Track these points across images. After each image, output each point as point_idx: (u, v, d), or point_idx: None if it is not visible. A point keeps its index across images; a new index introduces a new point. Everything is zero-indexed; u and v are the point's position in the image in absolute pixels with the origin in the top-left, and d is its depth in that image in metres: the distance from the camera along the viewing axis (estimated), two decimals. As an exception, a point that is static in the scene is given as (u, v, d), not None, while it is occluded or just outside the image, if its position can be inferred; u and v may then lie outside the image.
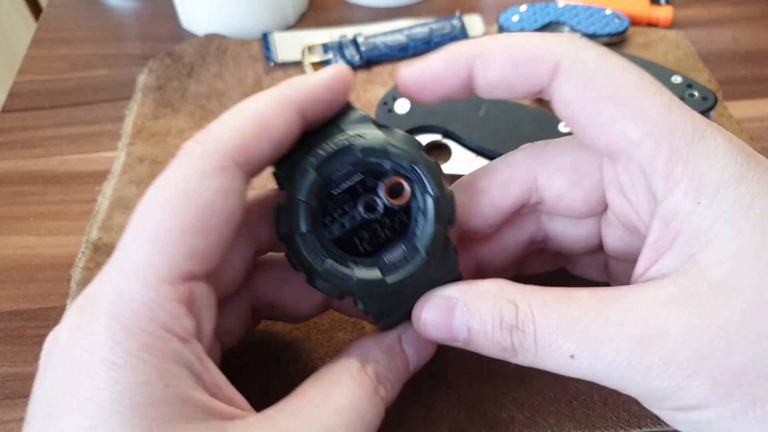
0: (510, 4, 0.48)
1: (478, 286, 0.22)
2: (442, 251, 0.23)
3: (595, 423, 0.27)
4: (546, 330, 0.20)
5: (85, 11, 0.54)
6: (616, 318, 0.20)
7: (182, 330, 0.19)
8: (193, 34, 0.51)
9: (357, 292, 0.22)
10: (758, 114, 0.41)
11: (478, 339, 0.22)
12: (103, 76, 0.47)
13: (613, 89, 0.21)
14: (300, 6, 0.52)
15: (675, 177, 0.20)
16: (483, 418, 0.27)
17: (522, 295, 0.21)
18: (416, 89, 0.23)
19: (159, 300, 0.19)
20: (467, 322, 0.22)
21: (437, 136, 0.39)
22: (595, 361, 0.19)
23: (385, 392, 0.22)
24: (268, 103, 0.21)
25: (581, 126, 0.22)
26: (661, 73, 0.40)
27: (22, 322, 0.32)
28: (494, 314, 0.21)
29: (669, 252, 0.20)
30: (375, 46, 0.46)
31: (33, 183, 0.40)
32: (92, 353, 0.18)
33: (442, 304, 0.22)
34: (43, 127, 0.43)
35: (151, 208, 0.20)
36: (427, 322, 0.22)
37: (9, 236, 0.37)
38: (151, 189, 0.20)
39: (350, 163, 0.22)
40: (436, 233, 0.22)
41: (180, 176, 0.20)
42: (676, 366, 0.19)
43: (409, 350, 0.24)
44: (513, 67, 0.22)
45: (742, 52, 0.46)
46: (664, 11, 0.48)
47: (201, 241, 0.19)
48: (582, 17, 0.46)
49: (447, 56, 0.23)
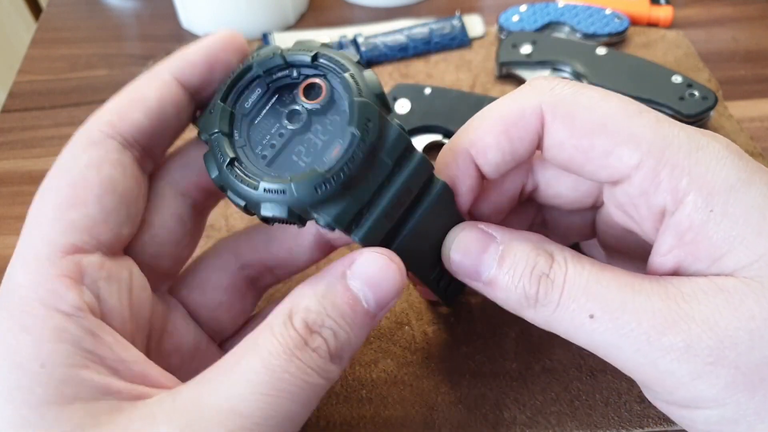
0: (510, 4, 0.49)
1: (519, 232, 0.22)
2: (379, 128, 0.20)
3: (596, 423, 0.27)
4: (575, 285, 0.20)
5: (85, 11, 0.54)
6: (646, 293, 0.19)
7: (66, 305, 0.19)
8: (193, 34, 0.51)
9: (301, 200, 0.20)
10: (758, 114, 0.41)
11: (504, 280, 0.21)
12: (103, 76, 0.47)
13: (599, 120, 0.21)
14: (300, 6, 0.52)
15: (682, 190, 0.20)
16: (485, 418, 0.27)
17: (559, 249, 0.21)
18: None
19: (38, 278, 0.19)
20: (499, 258, 0.21)
21: (437, 136, 0.39)
22: (613, 328, 0.19)
23: (324, 342, 0.19)
24: (142, 77, 0.22)
25: (578, 164, 0.22)
26: (661, 73, 0.40)
27: (23, 322, 0.32)
28: (529, 258, 0.21)
29: (695, 261, 0.20)
30: (375, 46, 0.46)
31: (33, 183, 0.40)
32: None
33: (479, 235, 0.22)
34: (43, 127, 0.43)
35: (36, 197, 0.21)
36: (460, 248, 0.22)
37: (9, 236, 0.37)
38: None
39: (258, 86, 0.22)
40: (354, 105, 0.20)
41: (58, 160, 0.21)
42: (698, 350, 0.18)
43: (357, 286, 0.20)
44: (507, 137, 0.22)
45: (742, 52, 0.46)
46: (664, 11, 0.48)
47: (77, 214, 0.20)
48: (582, 17, 0.46)
49: (455, 167, 0.23)
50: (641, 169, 0.20)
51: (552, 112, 0.21)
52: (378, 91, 0.21)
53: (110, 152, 0.21)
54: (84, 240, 0.20)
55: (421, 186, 0.22)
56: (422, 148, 0.38)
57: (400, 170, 0.21)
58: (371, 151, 0.20)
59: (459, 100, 0.39)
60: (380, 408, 0.28)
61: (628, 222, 0.23)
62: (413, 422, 0.27)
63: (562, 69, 0.42)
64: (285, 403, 0.18)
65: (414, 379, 0.28)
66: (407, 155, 0.21)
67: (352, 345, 0.20)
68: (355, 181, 0.20)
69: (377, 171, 0.21)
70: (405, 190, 0.21)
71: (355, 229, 0.21)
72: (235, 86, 0.22)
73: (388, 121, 0.21)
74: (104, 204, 0.20)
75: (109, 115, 0.21)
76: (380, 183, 0.21)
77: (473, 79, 0.44)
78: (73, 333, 0.18)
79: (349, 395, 0.28)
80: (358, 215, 0.21)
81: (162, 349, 0.23)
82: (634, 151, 0.20)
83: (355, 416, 0.27)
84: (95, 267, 0.20)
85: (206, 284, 0.25)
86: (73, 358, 0.18)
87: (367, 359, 0.29)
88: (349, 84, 0.21)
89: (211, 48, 0.22)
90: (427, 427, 0.27)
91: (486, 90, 0.43)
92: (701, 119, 0.38)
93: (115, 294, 0.20)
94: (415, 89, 0.40)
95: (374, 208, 0.21)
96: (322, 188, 0.20)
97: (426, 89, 0.40)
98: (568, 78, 0.41)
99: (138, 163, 0.22)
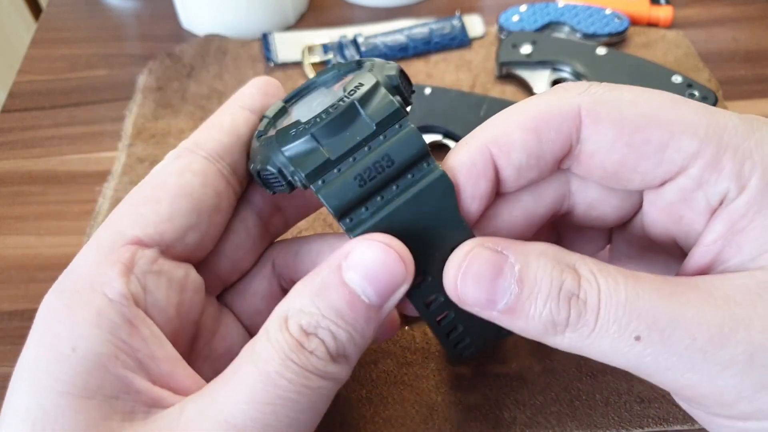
0: (510, 4, 0.48)
1: (532, 244, 0.19)
2: (368, 92, 0.20)
3: (597, 423, 0.27)
4: (612, 303, 0.17)
5: (85, 11, 0.54)
6: (693, 302, 0.17)
7: (112, 290, 0.19)
8: (193, 35, 0.51)
9: (280, 147, 0.20)
10: (758, 114, 0.41)
11: (526, 307, 0.18)
12: (103, 76, 0.47)
13: (649, 112, 0.19)
14: (300, 6, 0.52)
15: (745, 174, 0.18)
16: (485, 418, 0.27)
17: (583, 262, 0.18)
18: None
19: (92, 262, 0.20)
20: (518, 283, 0.18)
21: (438, 136, 0.39)
22: (663, 347, 0.17)
23: (321, 344, 0.18)
24: (222, 106, 0.24)
25: (629, 167, 0.19)
26: (661, 73, 0.40)
27: (22, 322, 0.32)
28: (554, 278, 0.18)
29: (738, 250, 0.18)
30: (375, 47, 0.46)
31: (33, 183, 0.40)
32: (36, 321, 0.19)
33: (489, 257, 0.19)
34: (43, 127, 0.43)
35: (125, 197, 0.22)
36: (468, 274, 0.19)
37: (9, 236, 0.37)
38: None
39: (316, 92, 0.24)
40: (368, 89, 0.20)
41: (150, 173, 0.22)
42: (762, 360, 0.16)
43: (355, 279, 0.19)
44: (536, 136, 0.20)
45: (742, 52, 0.46)
46: (664, 11, 0.48)
47: (147, 210, 0.21)
48: (582, 17, 0.46)
49: (466, 162, 0.20)
50: (701, 158, 0.18)
51: (594, 112, 0.19)
52: (391, 73, 0.21)
53: (194, 163, 0.22)
54: (147, 234, 0.20)
55: (407, 162, 0.20)
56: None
57: (385, 138, 0.20)
58: (352, 109, 0.20)
59: (459, 100, 0.40)
60: (380, 408, 0.28)
61: (670, 226, 0.21)
62: (413, 422, 0.27)
63: (562, 69, 0.42)
64: (284, 411, 0.17)
65: (414, 379, 0.28)
66: (396, 124, 0.20)
67: (356, 342, 0.19)
68: (329, 134, 0.20)
69: (356, 130, 0.20)
70: (384, 157, 0.20)
71: (320, 184, 0.20)
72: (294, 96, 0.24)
73: (383, 90, 0.20)
74: (176, 205, 0.21)
75: (194, 138, 0.23)
76: (358, 143, 0.20)
77: (473, 79, 0.44)
78: (111, 319, 0.18)
79: (349, 395, 0.28)
80: (325, 169, 0.20)
81: (212, 352, 0.23)
82: (692, 139, 0.18)
83: (355, 416, 0.27)
84: (148, 260, 0.20)
85: (247, 291, 0.25)
86: (105, 345, 0.18)
87: (367, 359, 0.29)
88: (367, 70, 0.21)
89: (258, 82, 0.24)
90: (427, 427, 0.27)
91: (486, 90, 0.43)
92: (701, 119, 0.38)
93: (163, 289, 0.20)
94: (415, 89, 0.40)
95: (345, 167, 0.20)
96: (295, 135, 0.20)
97: (426, 89, 0.40)
98: (568, 78, 0.42)
99: (224, 178, 0.22)
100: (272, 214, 0.25)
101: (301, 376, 0.18)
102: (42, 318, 0.19)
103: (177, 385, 0.19)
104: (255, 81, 0.24)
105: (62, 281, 0.20)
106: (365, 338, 0.19)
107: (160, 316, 0.20)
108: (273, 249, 0.26)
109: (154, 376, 0.19)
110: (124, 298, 0.19)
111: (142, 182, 0.22)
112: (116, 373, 0.18)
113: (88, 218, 0.37)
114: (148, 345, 0.19)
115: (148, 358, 0.19)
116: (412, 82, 0.23)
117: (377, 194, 0.20)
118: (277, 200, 0.25)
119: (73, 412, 0.17)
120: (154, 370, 0.19)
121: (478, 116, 0.39)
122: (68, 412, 0.17)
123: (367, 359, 0.29)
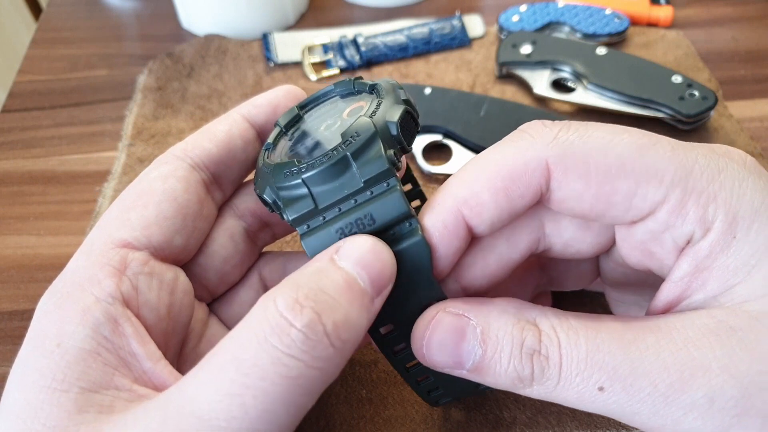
0: (510, 4, 0.49)
1: (492, 303, 0.20)
2: (363, 145, 0.20)
3: (597, 423, 0.27)
4: (574, 357, 0.18)
5: (85, 11, 0.54)
6: (653, 347, 0.18)
7: (101, 290, 0.20)
8: (193, 35, 0.51)
9: (275, 182, 0.21)
10: (758, 114, 0.41)
11: (491, 366, 0.19)
12: (103, 76, 0.47)
13: (616, 162, 0.19)
14: (300, 6, 0.52)
15: (709, 217, 0.19)
16: (485, 418, 0.27)
17: (544, 316, 0.19)
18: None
19: (83, 265, 0.20)
20: (481, 345, 0.19)
21: (438, 136, 0.39)
22: (626, 396, 0.17)
23: (317, 318, 0.17)
24: (229, 111, 0.25)
25: (598, 213, 0.20)
26: (661, 73, 0.40)
27: (22, 322, 0.32)
28: (514, 337, 0.19)
29: (702, 287, 0.19)
30: (375, 47, 0.46)
31: (33, 183, 0.40)
32: (32, 321, 0.20)
33: (451, 322, 0.20)
34: (43, 127, 0.43)
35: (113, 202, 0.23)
36: (432, 343, 0.20)
37: (9, 236, 0.37)
38: None
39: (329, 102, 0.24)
40: (355, 122, 0.20)
41: (137, 178, 0.23)
42: (722, 403, 0.17)
43: (349, 266, 0.19)
44: (506, 195, 0.20)
45: (742, 52, 0.46)
46: (664, 11, 0.48)
47: (135, 214, 0.21)
48: (582, 17, 0.46)
49: (438, 226, 0.20)
50: (667, 203, 0.19)
51: (562, 165, 0.19)
52: (394, 119, 0.21)
53: (178, 169, 0.23)
54: (135, 237, 0.21)
55: (388, 223, 0.20)
56: (422, 148, 0.38)
57: (372, 195, 0.20)
58: (344, 161, 0.20)
59: (459, 100, 0.40)
60: (380, 408, 0.28)
61: (643, 260, 0.21)
62: (413, 422, 0.27)
63: (562, 69, 0.42)
64: (253, 403, 0.16)
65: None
66: (384, 182, 0.20)
67: (353, 326, 0.18)
68: (319, 182, 0.20)
69: (346, 182, 0.20)
70: (367, 215, 0.20)
71: (305, 230, 0.20)
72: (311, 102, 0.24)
73: (378, 145, 0.20)
74: (162, 209, 0.22)
75: (183, 144, 0.23)
76: (345, 196, 0.20)
77: (473, 79, 0.44)
78: (95, 317, 0.19)
79: (349, 395, 0.28)
80: (313, 216, 0.20)
81: (198, 357, 0.23)
82: (658, 187, 0.19)
83: (355, 416, 0.27)
84: (140, 262, 0.21)
85: (234, 300, 0.25)
86: (87, 341, 0.19)
87: (367, 359, 0.29)
88: (372, 108, 0.21)
89: (275, 94, 0.25)
90: (427, 427, 0.27)
91: (486, 90, 0.43)
92: (701, 119, 0.38)
93: (154, 290, 0.21)
94: (415, 89, 0.40)
95: (331, 216, 0.20)
96: (288, 176, 0.20)
97: (426, 89, 0.40)
98: (567, 77, 0.42)
99: (205, 185, 0.23)
100: (260, 229, 0.26)
101: (278, 363, 0.16)
102: (36, 318, 0.20)
103: (159, 382, 0.19)
104: (275, 91, 0.25)
105: (56, 284, 0.20)
106: (361, 326, 0.18)
107: (151, 316, 0.21)
108: (260, 260, 0.26)
109: (136, 373, 0.19)
110: (111, 297, 0.20)
111: (129, 187, 0.23)
112: (96, 368, 0.18)
113: (88, 218, 0.37)
114: (130, 342, 0.19)
115: (130, 356, 0.19)
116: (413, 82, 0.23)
117: None
118: (267, 217, 0.25)
119: (50, 405, 0.18)
120: (135, 368, 0.19)
121: (478, 116, 0.39)
122: (46, 406, 0.18)
123: (368, 359, 0.29)
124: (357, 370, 0.29)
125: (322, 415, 0.27)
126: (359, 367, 0.29)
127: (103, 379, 0.18)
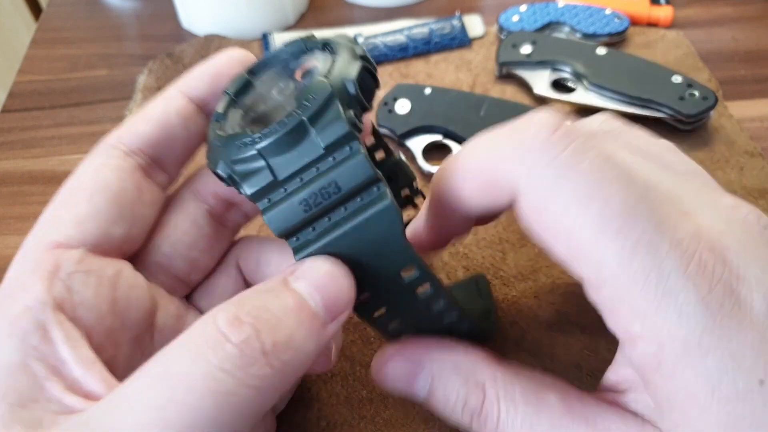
0: (510, 4, 0.49)
1: (450, 355, 0.22)
2: (320, 108, 0.19)
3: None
4: (508, 428, 0.20)
5: (85, 11, 0.54)
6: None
7: (30, 297, 0.19)
8: (193, 35, 0.51)
9: (227, 154, 0.19)
10: (758, 114, 0.41)
11: (438, 407, 0.22)
12: (103, 76, 0.47)
13: (565, 230, 0.18)
14: (300, 6, 0.52)
15: (634, 334, 0.18)
16: (484, 417, 0.27)
17: (492, 381, 0.21)
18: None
19: (14, 274, 0.20)
20: (429, 391, 0.22)
21: (438, 136, 0.39)
22: None
23: (255, 334, 0.16)
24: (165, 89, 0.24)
25: (562, 260, 0.20)
26: (661, 73, 0.40)
27: (23, 322, 0.32)
28: (459, 394, 0.21)
29: (641, 394, 0.20)
30: (375, 47, 0.46)
31: (33, 183, 0.40)
32: None
33: (406, 367, 0.22)
34: (43, 127, 0.43)
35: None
36: (387, 378, 0.22)
37: (9, 236, 0.37)
38: None
39: (276, 67, 0.23)
40: (321, 103, 0.19)
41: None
42: None
43: (302, 287, 0.18)
44: (480, 187, 0.20)
45: (742, 52, 0.46)
46: (664, 11, 0.48)
47: (65, 212, 0.21)
48: (582, 17, 0.46)
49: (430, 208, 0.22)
50: (602, 290, 0.18)
51: (524, 199, 0.19)
52: (351, 76, 0.19)
53: (111, 158, 0.22)
54: (68, 235, 0.20)
55: (354, 189, 0.19)
56: (422, 148, 0.38)
57: (335, 162, 0.19)
58: (301, 126, 0.19)
59: (459, 100, 0.40)
60: (381, 408, 0.28)
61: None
62: (413, 422, 0.27)
63: (562, 69, 0.42)
64: (176, 417, 0.15)
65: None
66: (346, 146, 0.19)
67: (297, 349, 0.17)
68: (276, 151, 0.19)
69: (305, 150, 0.19)
70: (331, 183, 0.19)
71: (266, 204, 0.19)
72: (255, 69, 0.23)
73: (336, 105, 0.19)
74: (94, 203, 0.21)
75: (117, 131, 0.23)
76: (306, 164, 0.19)
77: (473, 79, 0.44)
78: (23, 327, 0.18)
79: (350, 395, 0.28)
80: (273, 189, 0.19)
81: None
82: (592, 271, 0.18)
83: (355, 416, 0.27)
84: (73, 261, 0.20)
85: (213, 291, 0.25)
86: (14, 354, 0.18)
87: (367, 360, 0.29)
88: (326, 67, 0.20)
89: (216, 62, 0.23)
90: (427, 427, 0.27)
91: (486, 90, 0.43)
92: (701, 119, 0.38)
93: (92, 287, 0.20)
94: (415, 89, 0.40)
95: (293, 187, 0.19)
96: (241, 147, 0.19)
97: (426, 89, 0.40)
98: (567, 77, 0.42)
99: (143, 170, 0.23)
100: (226, 209, 0.25)
101: (209, 377, 0.15)
102: None
103: (90, 389, 0.18)
104: (216, 58, 0.23)
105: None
106: (306, 351, 0.17)
107: (90, 315, 0.20)
108: (236, 248, 0.25)
109: (68, 381, 0.18)
110: (40, 303, 0.18)
111: (63, 186, 0.22)
112: (25, 381, 0.17)
113: (88, 218, 0.37)
114: (58, 349, 0.18)
115: (60, 363, 0.18)
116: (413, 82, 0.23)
117: (325, 216, 0.19)
118: (230, 196, 0.24)
119: None
120: (66, 375, 0.18)
121: (478, 116, 0.39)
122: None
123: (368, 360, 0.29)
124: (357, 370, 0.29)
125: (323, 415, 0.27)
126: (360, 367, 0.29)
127: (32, 393, 0.17)
